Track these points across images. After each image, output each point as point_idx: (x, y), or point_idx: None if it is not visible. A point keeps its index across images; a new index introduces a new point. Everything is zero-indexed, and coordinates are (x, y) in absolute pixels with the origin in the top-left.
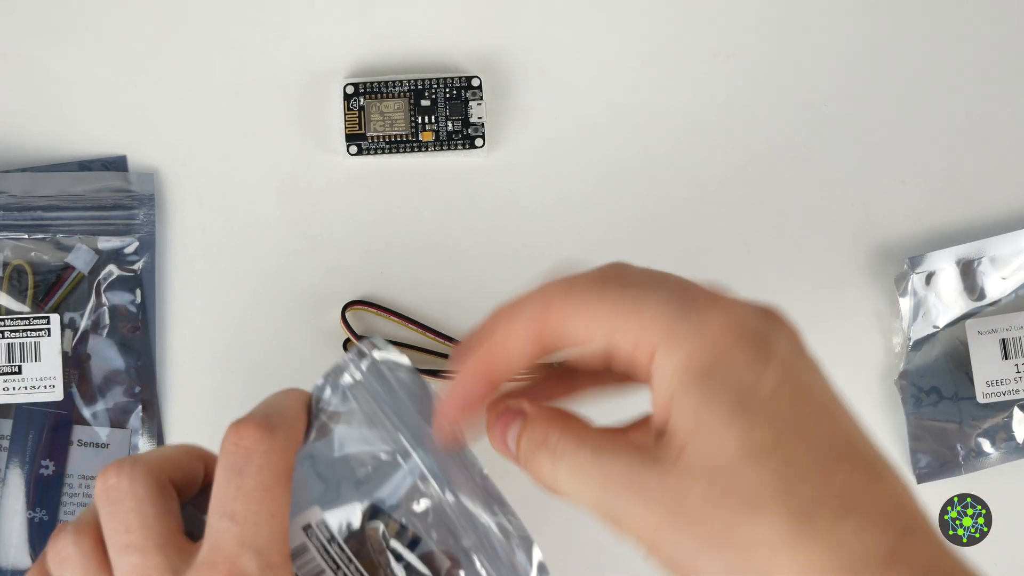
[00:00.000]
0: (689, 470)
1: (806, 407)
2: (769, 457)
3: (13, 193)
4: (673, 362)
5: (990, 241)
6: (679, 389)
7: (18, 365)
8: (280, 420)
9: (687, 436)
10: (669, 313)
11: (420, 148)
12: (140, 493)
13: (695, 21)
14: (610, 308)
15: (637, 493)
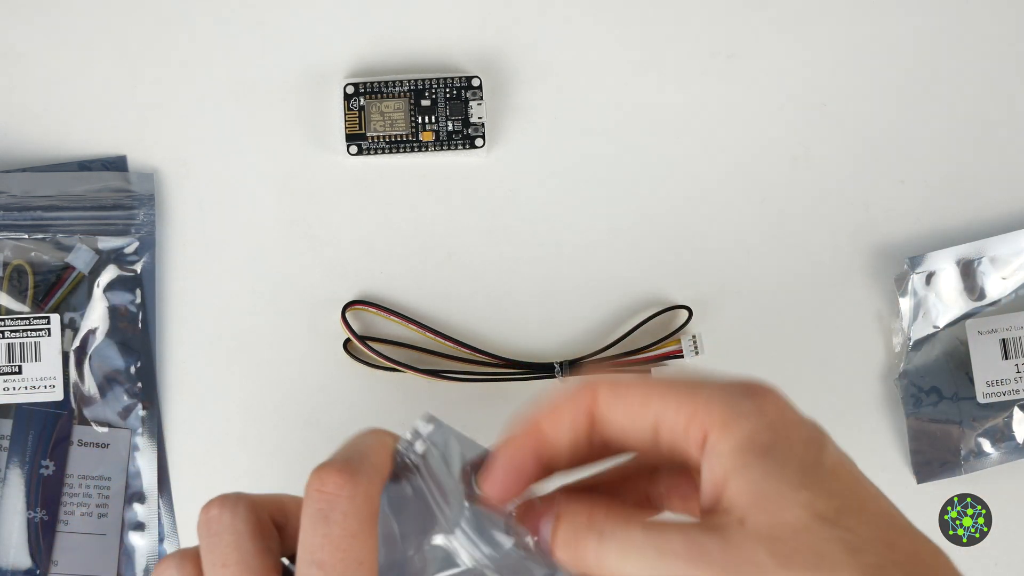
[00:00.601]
0: (754, 535)
1: (863, 484)
2: (835, 524)
3: (13, 193)
4: (732, 442)
5: (990, 241)
6: (739, 466)
7: (18, 365)
8: (363, 463)
9: (749, 506)
10: (725, 398)
11: (420, 148)
12: (240, 528)
13: (695, 21)
14: (662, 392)
15: (698, 561)
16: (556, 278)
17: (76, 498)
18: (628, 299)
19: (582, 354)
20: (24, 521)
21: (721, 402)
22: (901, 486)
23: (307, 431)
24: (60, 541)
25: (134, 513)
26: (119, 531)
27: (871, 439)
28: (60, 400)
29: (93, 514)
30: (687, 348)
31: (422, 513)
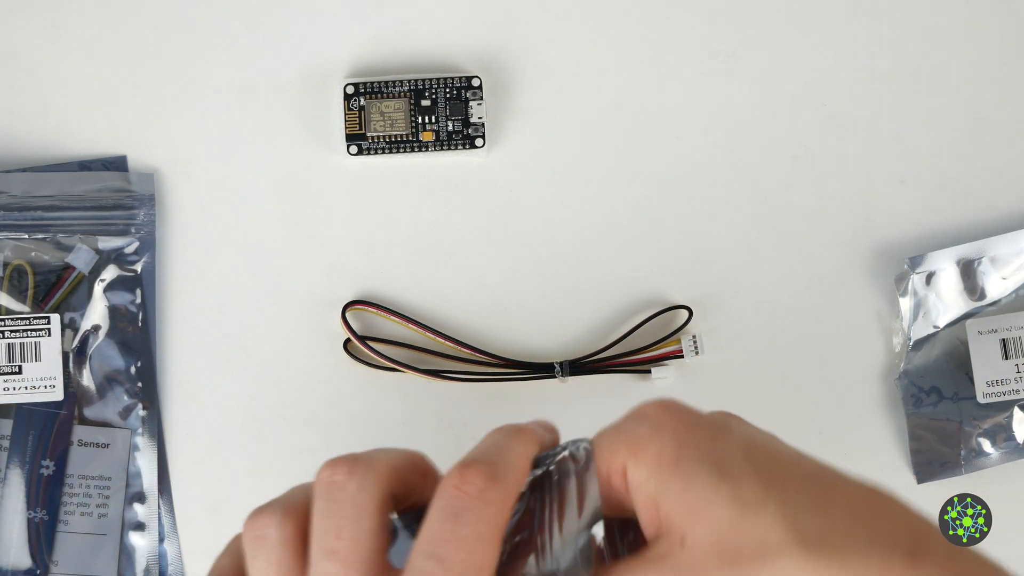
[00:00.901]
0: (697, 548)
1: (780, 458)
2: (765, 505)
3: (13, 193)
4: (644, 469)
5: (990, 241)
6: (658, 487)
7: (18, 365)
8: (508, 471)
9: (683, 522)
10: (622, 434)
11: (420, 148)
12: (364, 502)
13: (695, 21)
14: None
15: None
16: (556, 278)
17: (76, 498)
18: (628, 299)
19: (582, 354)
20: (24, 521)
21: (620, 439)
22: (901, 486)
23: (307, 431)
24: (60, 541)
25: (134, 513)
26: (119, 531)
27: (871, 439)
28: (60, 400)
29: (93, 514)
30: (687, 348)
31: (525, 527)
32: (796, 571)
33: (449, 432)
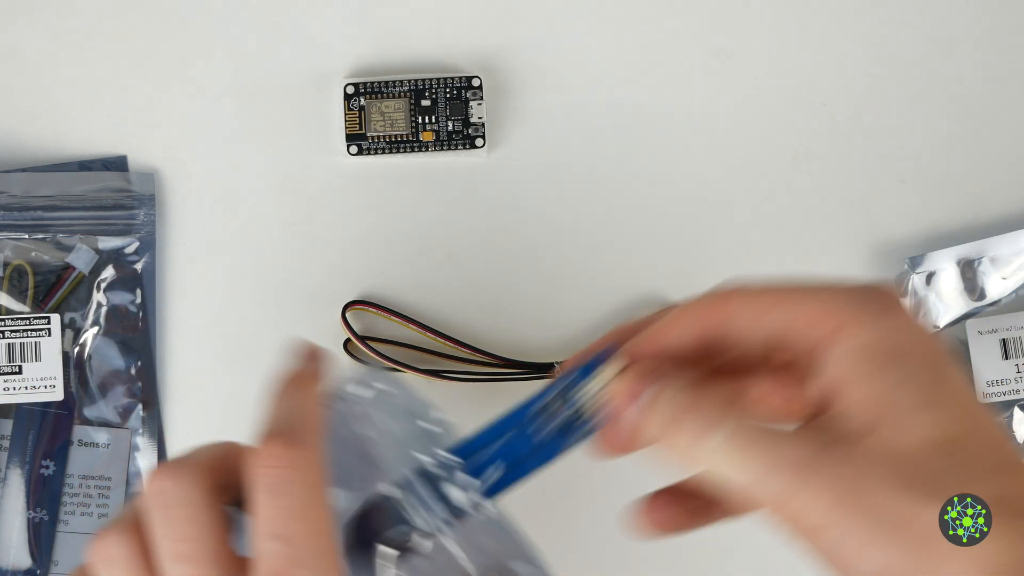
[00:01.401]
0: (872, 455)
1: (979, 410)
2: (957, 451)
3: (13, 193)
4: (856, 343)
5: (990, 241)
6: (861, 372)
7: (18, 365)
8: (304, 430)
9: (871, 421)
10: (852, 299)
11: (420, 148)
12: (195, 500)
13: (695, 21)
14: (790, 292)
15: (811, 476)
16: (556, 277)
17: (76, 498)
18: (628, 298)
19: None
20: (24, 521)
21: (848, 303)
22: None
23: None
24: (60, 541)
25: None
26: None
27: None
28: (60, 400)
29: (93, 514)
30: None
31: (363, 460)
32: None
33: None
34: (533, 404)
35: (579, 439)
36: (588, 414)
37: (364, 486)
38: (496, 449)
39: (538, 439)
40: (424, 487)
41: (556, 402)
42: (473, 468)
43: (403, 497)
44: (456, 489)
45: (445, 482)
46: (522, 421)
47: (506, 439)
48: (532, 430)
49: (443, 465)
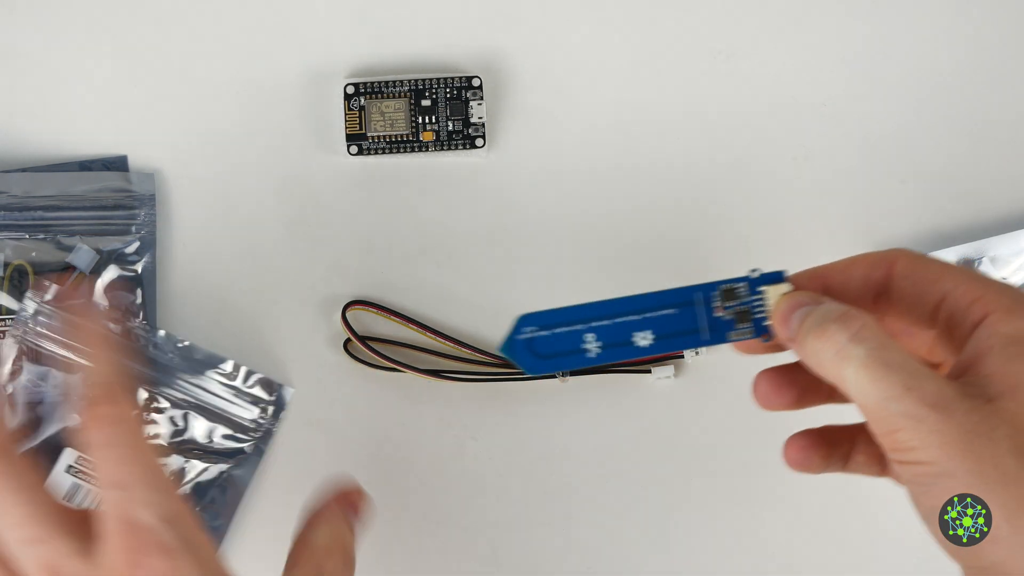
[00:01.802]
0: (1001, 413)
1: None
2: None
3: (13, 193)
4: (1009, 327)
5: (990, 241)
6: (1007, 351)
7: (19, 365)
8: (119, 385)
9: (1004, 390)
10: (1011, 295)
11: (420, 148)
12: (13, 484)
13: (695, 21)
14: (955, 274)
15: (940, 411)
16: (555, 277)
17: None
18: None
19: None
20: None
21: (1011, 295)
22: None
23: (307, 431)
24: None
25: None
26: None
27: None
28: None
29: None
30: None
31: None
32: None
33: (449, 432)
34: (716, 286)
35: (744, 333)
36: (758, 313)
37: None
38: (665, 315)
39: (710, 319)
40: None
41: (730, 295)
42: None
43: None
44: None
45: None
46: (702, 298)
47: (678, 309)
48: (707, 310)
49: None
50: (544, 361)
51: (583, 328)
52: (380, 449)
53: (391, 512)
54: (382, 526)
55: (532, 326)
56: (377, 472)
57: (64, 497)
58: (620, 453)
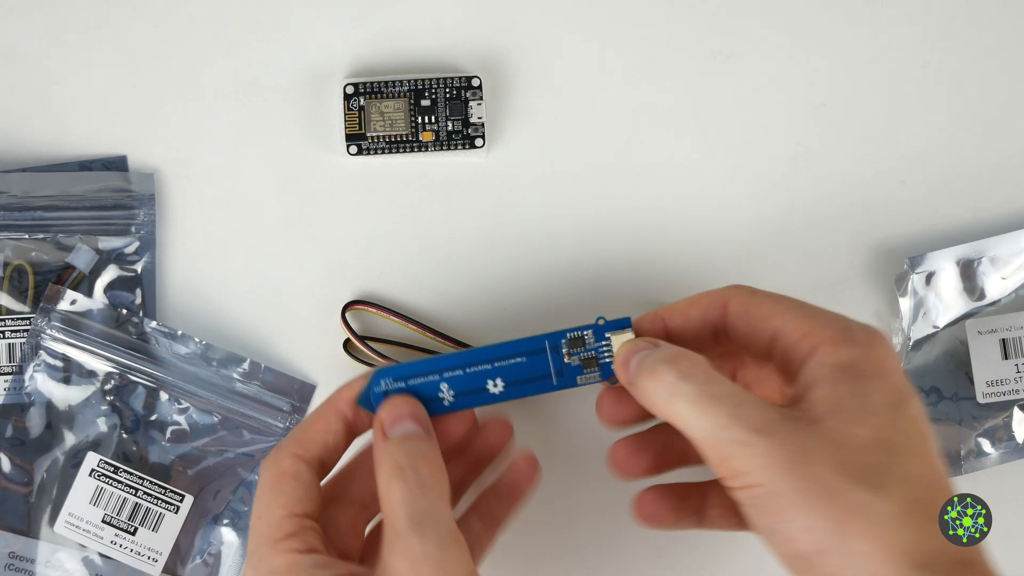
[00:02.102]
0: (822, 433)
1: (925, 441)
2: (890, 454)
3: (13, 193)
4: (836, 357)
5: (990, 241)
6: (833, 378)
7: (19, 365)
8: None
9: (827, 413)
10: (843, 326)
11: (420, 148)
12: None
13: (695, 21)
14: (785, 311)
15: (766, 435)
16: (555, 278)
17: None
18: (628, 299)
19: None
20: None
21: (837, 327)
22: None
23: None
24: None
25: None
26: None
27: None
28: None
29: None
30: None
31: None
32: (883, 511)
33: None
34: (564, 335)
35: (592, 377)
36: (605, 358)
37: None
38: (514, 364)
39: (560, 366)
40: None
41: (578, 343)
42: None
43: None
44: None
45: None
46: (551, 346)
47: (529, 357)
48: (557, 357)
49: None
50: None
51: (437, 379)
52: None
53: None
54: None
55: (388, 378)
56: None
57: (89, 501)
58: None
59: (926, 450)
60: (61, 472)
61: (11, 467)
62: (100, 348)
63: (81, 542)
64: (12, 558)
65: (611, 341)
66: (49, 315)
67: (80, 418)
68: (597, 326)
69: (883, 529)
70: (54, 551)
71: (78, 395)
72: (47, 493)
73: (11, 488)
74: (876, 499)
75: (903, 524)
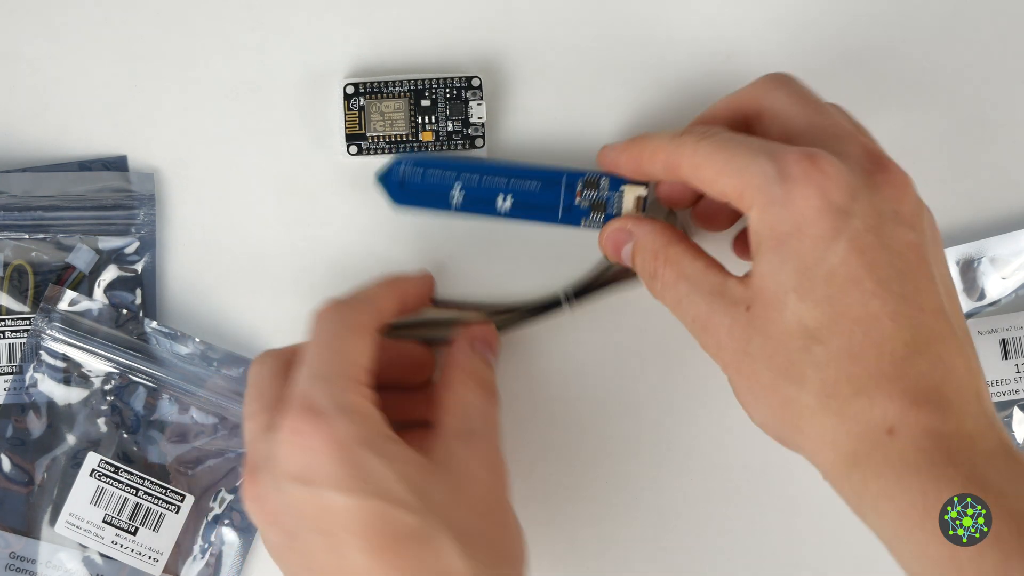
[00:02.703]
0: (752, 325)
1: (861, 286)
2: (811, 338)
3: (13, 193)
4: (762, 223)
5: (990, 241)
6: (763, 246)
7: (19, 365)
8: (349, 296)
9: (758, 293)
10: (764, 183)
11: (420, 148)
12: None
13: (695, 21)
14: (722, 168)
15: (712, 334)
16: (555, 278)
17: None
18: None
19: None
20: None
21: (758, 187)
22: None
23: None
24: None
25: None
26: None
27: None
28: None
29: None
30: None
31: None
32: (806, 403)
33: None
34: (583, 175)
35: (595, 222)
36: (608, 210)
37: None
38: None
39: (569, 202)
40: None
41: (592, 186)
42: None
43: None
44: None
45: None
46: (567, 182)
47: (543, 184)
48: (569, 194)
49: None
50: (409, 196)
51: (453, 177)
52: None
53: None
54: None
55: (409, 164)
56: None
57: (90, 501)
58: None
59: (851, 304)
60: (62, 472)
61: (12, 467)
62: (100, 348)
63: (82, 542)
64: (13, 558)
65: (624, 193)
66: (49, 315)
67: (81, 418)
68: (614, 176)
69: (810, 423)
70: (55, 551)
71: (79, 395)
72: (48, 493)
73: (12, 488)
74: (800, 392)
75: (824, 415)
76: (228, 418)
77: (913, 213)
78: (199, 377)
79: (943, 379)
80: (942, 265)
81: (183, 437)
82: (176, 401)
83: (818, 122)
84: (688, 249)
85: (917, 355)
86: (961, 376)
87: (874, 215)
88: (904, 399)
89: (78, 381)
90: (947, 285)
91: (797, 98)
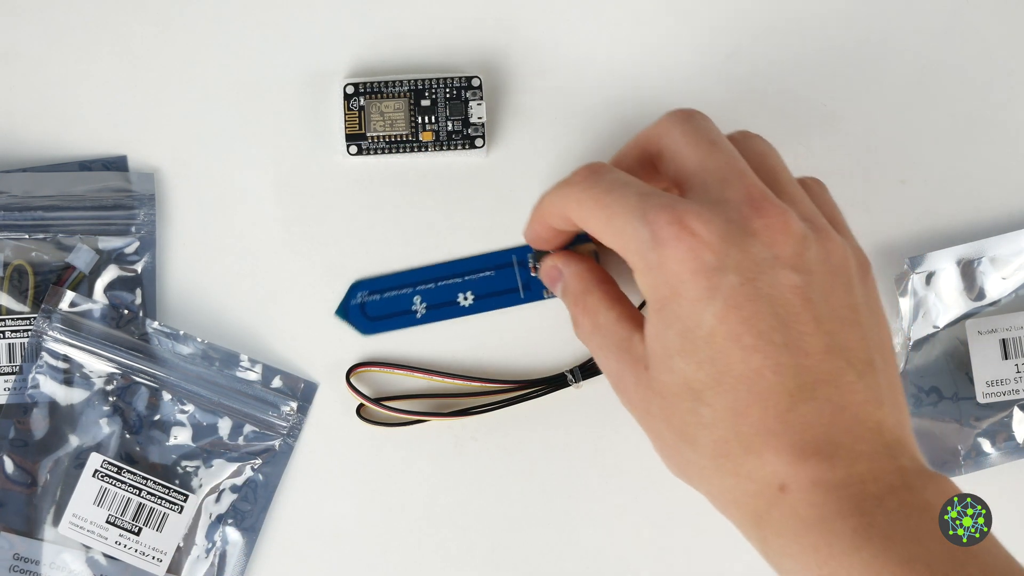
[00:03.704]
0: (650, 387)
1: (740, 342)
2: (698, 398)
3: (13, 193)
4: (644, 286)
5: (990, 241)
6: (650, 308)
7: (19, 365)
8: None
9: (651, 354)
10: (640, 248)
11: (420, 148)
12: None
13: (695, 21)
14: (603, 228)
15: (623, 390)
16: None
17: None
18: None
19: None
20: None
21: (636, 252)
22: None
23: (306, 428)
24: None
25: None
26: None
27: None
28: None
29: None
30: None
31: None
32: (702, 463)
33: (448, 432)
34: (529, 250)
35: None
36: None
37: None
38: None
39: (527, 279)
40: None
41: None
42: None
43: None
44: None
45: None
46: (518, 260)
47: (497, 271)
48: (524, 271)
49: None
50: (375, 323)
51: (411, 292)
52: (380, 450)
53: (392, 513)
54: (380, 526)
55: (364, 291)
56: (376, 470)
57: (93, 502)
58: (622, 453)
59: (732, 363)
60: (65, 473)
61: (15, 468)
62: (102, 349)
63: (85, 543)
64: (17, 559)
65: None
66: (50, 316)
67: (83, 419)
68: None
69: (711, 483)
70: (58, 552)
71: (80, 396)
72: (51, 494)
73: (15, 490)
74: (695, 454)
75: (722, 476)
76: (232, 417)
77: (794, 254)
78: (201, 377)
79: (831, 423)
80: (847, 291)
81: (185, 437)
82: (178, 401)
83: (708, 165)
84: (604, 297)
85: (802, 403)
86: (855, 412)
87: (750, 266)
88: (791, 453)
89: (80, 382)
90: (853, 310)
91: (691, 138)
